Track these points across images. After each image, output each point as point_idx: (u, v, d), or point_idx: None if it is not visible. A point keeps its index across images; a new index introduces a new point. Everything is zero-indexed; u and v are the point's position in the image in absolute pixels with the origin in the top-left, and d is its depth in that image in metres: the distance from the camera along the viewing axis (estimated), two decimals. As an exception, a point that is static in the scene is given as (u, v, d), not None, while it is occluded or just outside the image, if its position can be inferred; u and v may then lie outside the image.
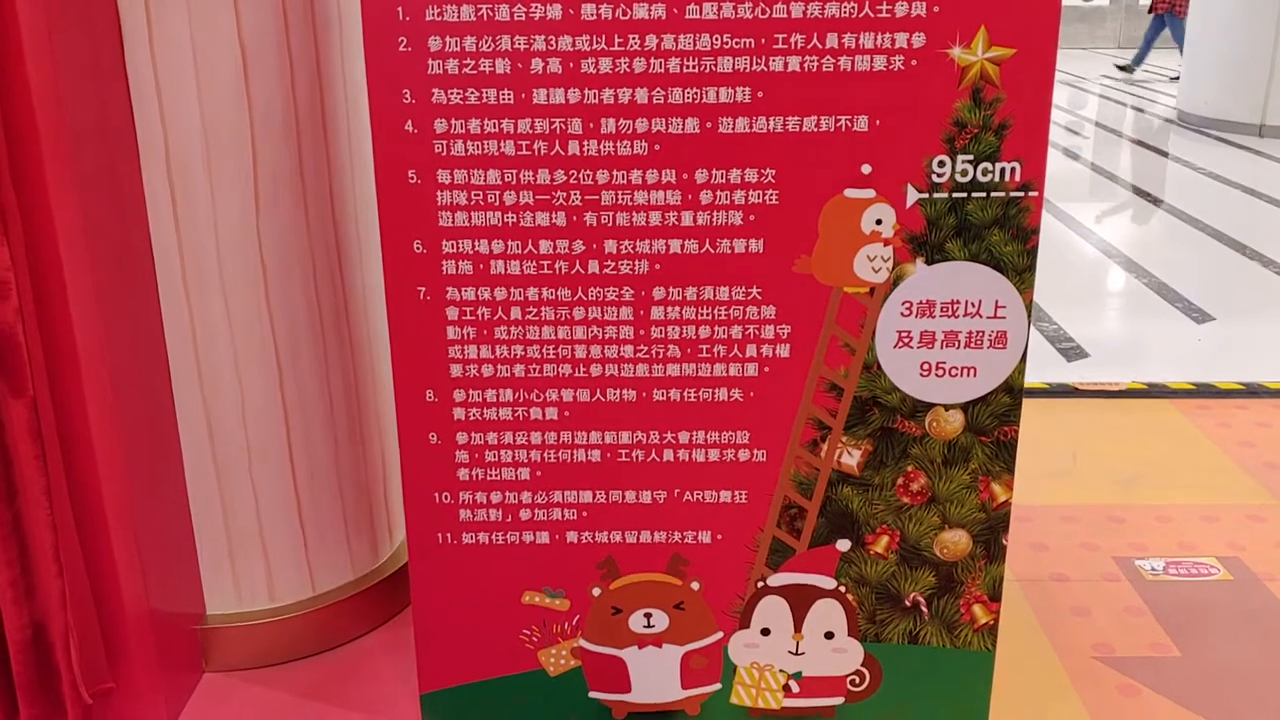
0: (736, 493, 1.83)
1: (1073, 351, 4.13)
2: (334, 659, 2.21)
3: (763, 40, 1.60)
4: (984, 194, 1.67)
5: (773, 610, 1.91)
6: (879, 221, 1.69)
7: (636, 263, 1.70)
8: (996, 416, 1.79)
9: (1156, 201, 6.88)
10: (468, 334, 1.74)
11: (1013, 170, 1.66)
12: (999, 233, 1.69)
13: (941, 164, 1.66)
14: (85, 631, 1.83)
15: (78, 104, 1.68)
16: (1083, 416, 3.38)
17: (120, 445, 1.81)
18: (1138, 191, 7.20)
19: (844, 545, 1.86)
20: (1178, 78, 12.73)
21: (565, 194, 1.67)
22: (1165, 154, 8.55)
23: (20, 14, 1.53)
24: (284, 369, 2.05)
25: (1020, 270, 1.71)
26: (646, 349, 1.75)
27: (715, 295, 1.72)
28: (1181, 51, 12.77)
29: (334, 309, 2.09)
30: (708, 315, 1.73)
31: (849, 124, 1.64)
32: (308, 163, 1.98)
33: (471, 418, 1.79)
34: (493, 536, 1.86)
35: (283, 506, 2.14)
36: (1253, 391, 3.53)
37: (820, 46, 1.60)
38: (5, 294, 1.59)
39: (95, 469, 1.76)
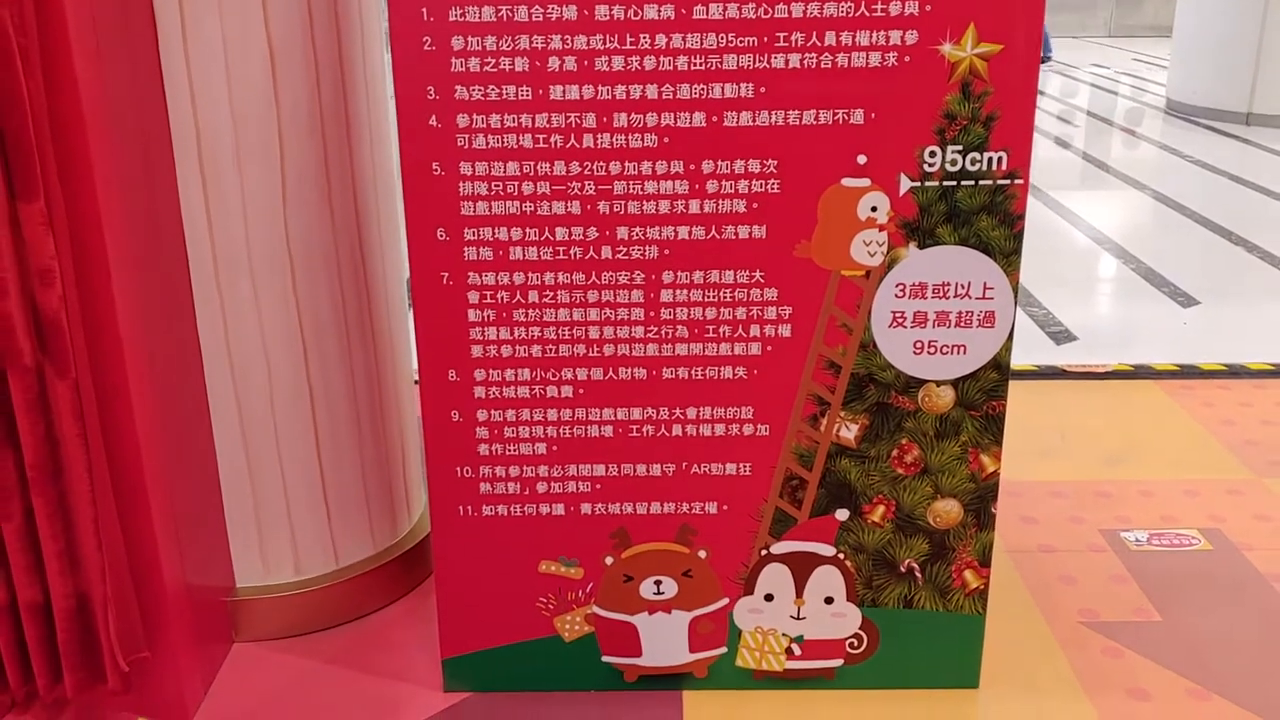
0: (741, 465, 1.93)
1: (1062, 335, 4.23)
2: (357, 629, 2.30)
3: (765, 39, 1.69)
4: (972, 182, 1.77)
5: (775, 577, 2.01)
6: (874, 208, 1.79)
7: (647, 248, 1.80)
8: (985, 392, 1.89)
9: (1145, 189, 6.98)
10: (488, 316, 1.84)
11: (999, 159, 1.76)
12: (987, 218, 1.79)
13: (933, 154, 1.76)
14: (123, 603, 1.92)
15: (119, 100, 1.77)
16: (1071, 397, 3.48)
17: (159, 426, 1.91)
18: (1127, 179, 7.30)
19: (842, 514, 1.96)
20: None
21: (580, 184, 1.77)
22: (1154, 142, 8.65)
23: (69, 14, 1.62)
24: (310, 354, 2.15)
25: (1007, 253, 1.81)
26: (656, 329, 1.85)
27: (721, 279, 1.82)
28: None
29: (356, 296, 2.18)
30: (714, 297, 1.83)
31: (846, 117, 1.73)
32: (332, 157, 2.07)
33: (491, 396, 1.89)
34: (511, 508, 1.96)
35: (308, 484, 2.23)
36: (1235, 372, 3.63)
37: (819, 44, 1.70)
38: (50, 281, 1.69)
39: (137, 449, 1.85)
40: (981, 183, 1.77)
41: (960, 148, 1.75)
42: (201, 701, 2.08)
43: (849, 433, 1.91)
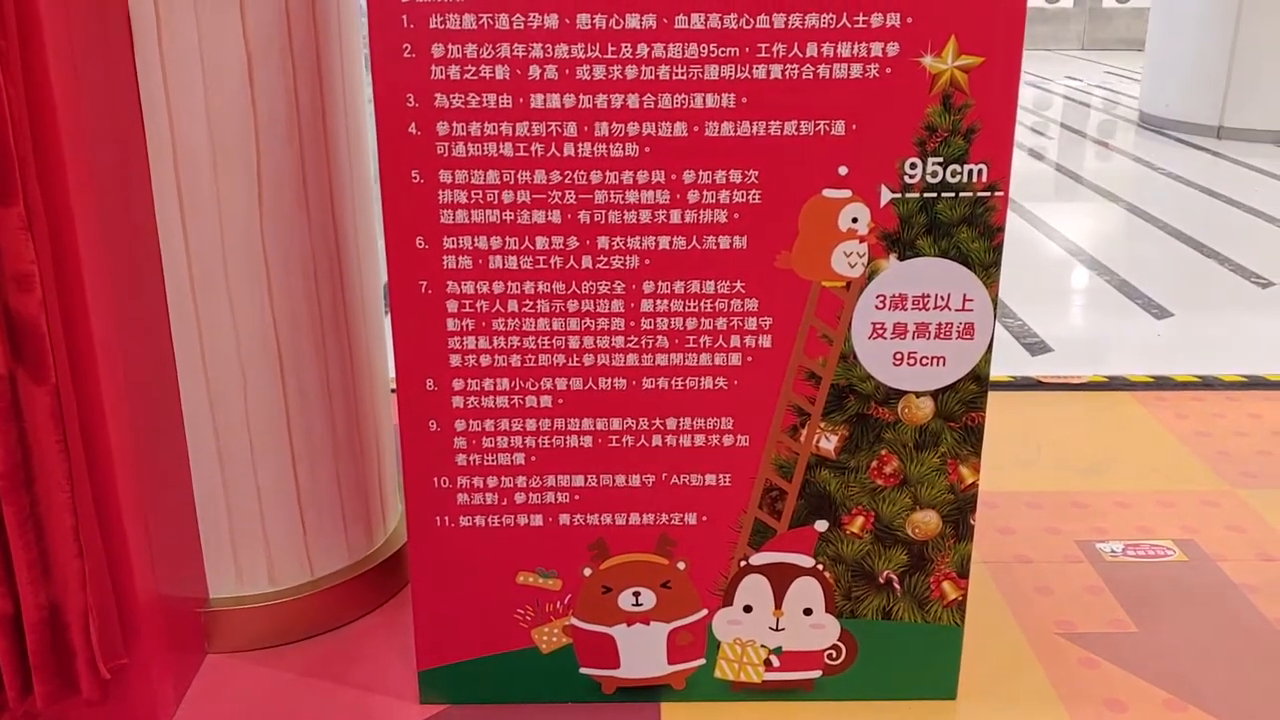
0: (721, 476, 1.93)
1: (1037, 346, 4.25)
2: (331, 640, 2.27)
3: (747, 49, 1.69)
4: (953, 194, 1.77)
5: (754, 588, 2.00)
6: (855, 220, 1.79)
7: (627, 258, 1.80)
8: (964, 403, 1.89)
9: (1118, 201, 7.03)
10: (467, 325, 1.83)
11: (980, 172, 1.77)
12: (967, 230, 1.80)
13: (913, 166, 1.76)
14: (102, 610, 1.89)
15: (95, 106, 1.75)
16: (1046, 408, 3.49)
17: (133, 435, 1.89)
18: (1100, 191, 7.35)
19: (822, 526, 1.96)
20: None
21: (560, 193, 1.76)
22: (1127, 154, 8.72)
23: (44, 21, 1.60)
24: (285, 363, 2.13)
25: (986, 265, 1.82)
26: (636, 340, 1.84)
27: (701, 289, 1.81)
28: None
29: (333, 304, 2.16)
30: (694, 308, 1.82)
31: (827, 128, 1.74)
32: (309, 164, 2.05)
33: (470, 405, 1.87)
34: (489, 519, 1.95)
35: (283, 495, 2.21)
36: (1208, 384, 3.66)
37: (800, 55, 1.70)
38: (30, 286, 1.66)
39: (110, 457, 1.83)
40: (962, 195, 1.77)
41: (941, 160, 1.75)
42: (174, 714, 2.05)
43: (829, 444, 1.91)
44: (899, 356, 1.86)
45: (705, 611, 2.02)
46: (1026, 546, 2.66)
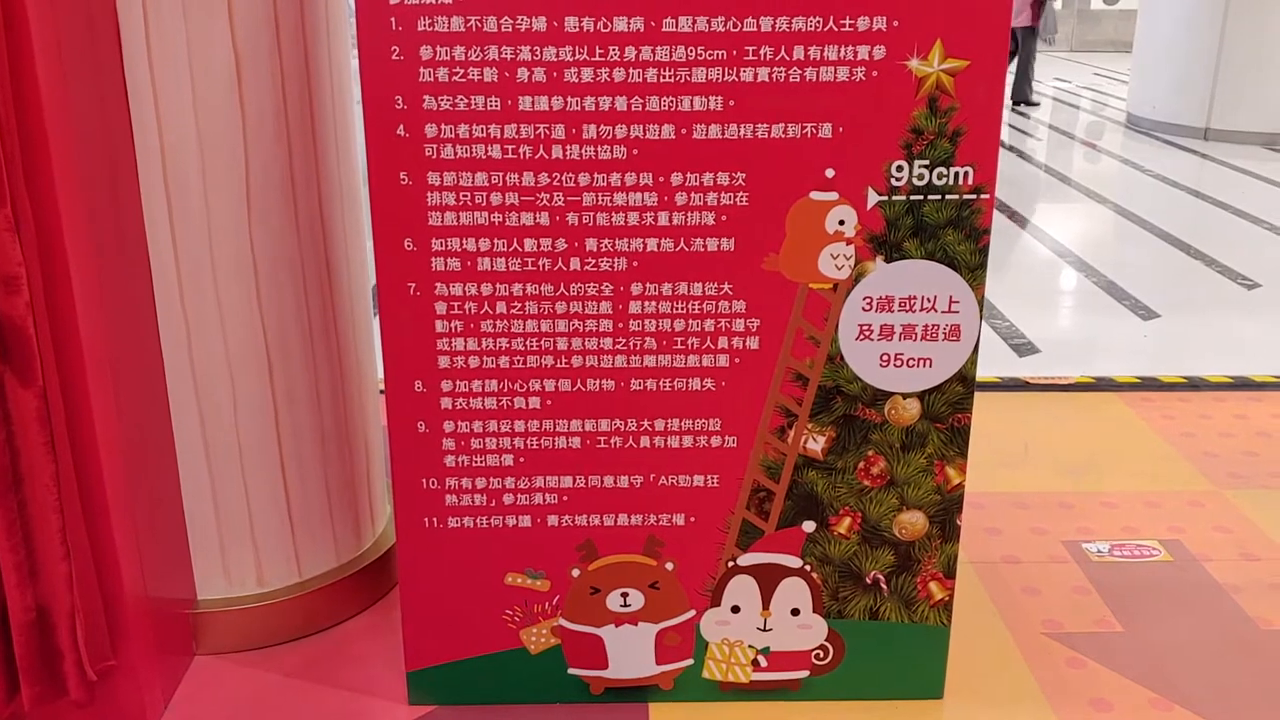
0: (709, 477, 1.93)
1: (1024, 347, 4.27)
2: (320, 641, 2.27)
3: (734, 52, 1.70)
4: (939, 196, 1.78)
5: (742, 589, 2.01)
6: (842, 222, 1.79)
7: (615, 260, 1.80)
8: (951, 404, 1.90)
9: (1106, 202, 7.06)
10: (455, 327, 1.83)
11: (966, 174, 1.78)
12: (953, 232, 1.80)
13: (900, 168, 1.77)
14: (89, 612, 1.89)
15: (82, 110, 1.75)
16: (1034, 409, 3.50)
17: (121, 436, 1.89)
18: (1088, 193, 7.38)
19: (809, 526, 1.97)
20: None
21: (549, 195, 1.76)
22: (1115, 156, 8.76)
23: (32, 24, 1.60)
24: (274, 365, 2.13)
25: (973, 267, 1.83)
26: (625, 341, 1.84)
27: (689, 291, 1.82)
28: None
29: (321, 307, 2.16)
30: (682, 309, 1.83)
31: (814, 131, 1.74)
32: (297, 167, 2.05)
33: (458, 407, 1.88)
34: (477, 520, 1.95)
35: (271, 496, 2.21)
36: (1194, 385, 3.68)
37: (788, 58, 1.71)
38: (17, 288, 1.66)
39: (98, 458, 1.82)
40: (948, 197, 1.78)
41: (927, 162, 1.76)
42: (162, 715, 2.05)
43: (816, 445, 1.91)
44: (886, 358, 1.87)
45: (693, 612, 2.02)
46: (1013, 547, 2.67)
